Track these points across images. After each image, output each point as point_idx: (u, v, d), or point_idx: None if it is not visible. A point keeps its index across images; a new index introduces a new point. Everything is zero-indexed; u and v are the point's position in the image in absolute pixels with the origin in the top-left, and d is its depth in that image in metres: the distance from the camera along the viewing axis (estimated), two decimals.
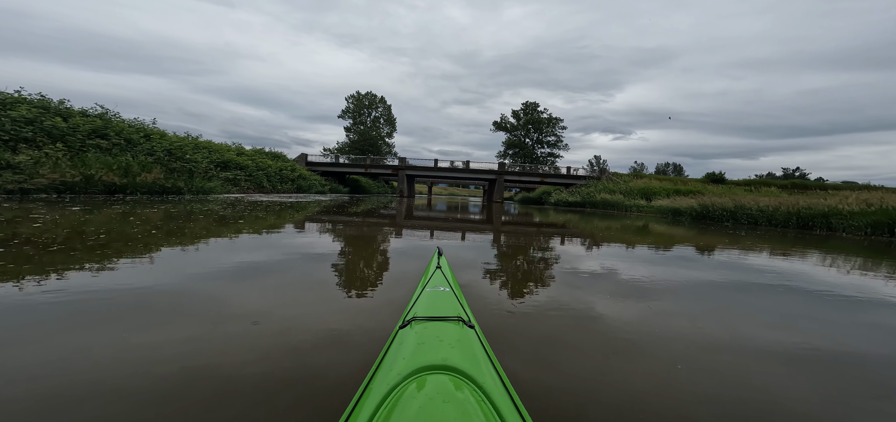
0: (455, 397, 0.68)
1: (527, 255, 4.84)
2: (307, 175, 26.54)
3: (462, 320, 1.09)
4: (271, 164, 22.87)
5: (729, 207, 13.37)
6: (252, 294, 2.44)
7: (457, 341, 0.94)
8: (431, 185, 70.07)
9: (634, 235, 8.08)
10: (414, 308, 1.24)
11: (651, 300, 2.77)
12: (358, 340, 1.74)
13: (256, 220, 7.10)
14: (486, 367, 0.85)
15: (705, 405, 1.37)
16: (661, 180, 26.88)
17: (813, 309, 2.80)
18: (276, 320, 1.96)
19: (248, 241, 4.62)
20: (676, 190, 23.24)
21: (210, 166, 16.69)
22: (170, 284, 2.56)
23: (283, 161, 25.89)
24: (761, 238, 8.35)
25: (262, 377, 1.38)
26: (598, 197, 24.20)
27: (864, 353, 1.96)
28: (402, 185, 32.79)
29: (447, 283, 1.55)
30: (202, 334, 1.76)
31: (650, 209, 19.36)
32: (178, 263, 3.24)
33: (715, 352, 1.87)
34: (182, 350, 1.57)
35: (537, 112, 52.34)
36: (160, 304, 2.14)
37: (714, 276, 3.89)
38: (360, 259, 3.96)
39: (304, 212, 9.88)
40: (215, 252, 3.79)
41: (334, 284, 2.84)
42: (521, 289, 2.99)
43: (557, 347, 1.82)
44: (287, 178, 23.53)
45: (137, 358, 1.50)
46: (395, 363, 0.84)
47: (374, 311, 2.20)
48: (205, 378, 1.37)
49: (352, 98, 56.11)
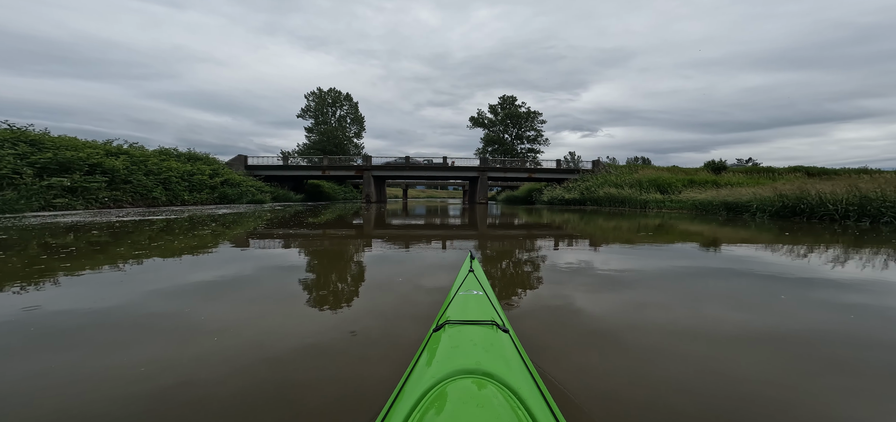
0: (488, 402, 0.67)
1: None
2: (240, 181, 21.24)
3: (496, 324, 1.06)
4: (177, 167, 17.35)
5: (840, 197, 8.90)
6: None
7: (491, 345, 0.92)
8: (406, 187, 65.07)
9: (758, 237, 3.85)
10: (447, 312, 1.22)
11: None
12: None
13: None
14: (520, 371, 0.84)
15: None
16: (672, 171, 23.33)
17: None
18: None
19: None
20: (691, 180, 19.69)
21: (23, 167, 11.18)
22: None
23: (203, 163, 20.16)
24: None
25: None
26: (601, 192, 20.32)
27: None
28: (369, 188, 27.89)
29: (480, 286, 1.47)
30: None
31: (675, 204, 15.47)
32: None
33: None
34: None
35: (515, 106, 49.12)
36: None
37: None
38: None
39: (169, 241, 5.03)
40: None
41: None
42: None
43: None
44: (203, 185, 18.12)
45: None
46: (429, 366, 0.84)
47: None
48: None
49: (313, 95, 50.51)
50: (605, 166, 26.81)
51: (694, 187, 17.99)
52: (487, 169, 29.05)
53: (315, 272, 3.16)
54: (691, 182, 19.26)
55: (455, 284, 1.62)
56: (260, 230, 7.06)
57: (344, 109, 51.71)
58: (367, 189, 28.01)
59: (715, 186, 17.35)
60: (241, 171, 24.85)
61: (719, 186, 17.86)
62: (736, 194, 12.64)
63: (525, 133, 49.51)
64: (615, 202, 18.84)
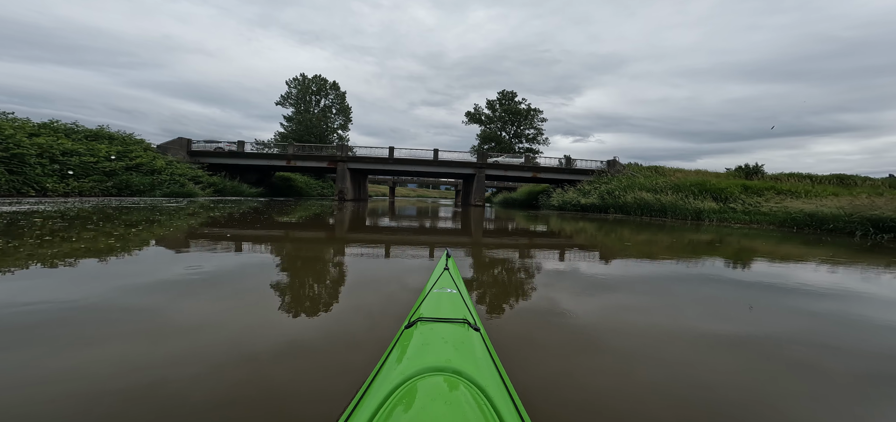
0: (456, 400, 0.67)
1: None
2: (162, 167, 16.33)
3: (468, 322, 1.07)
4: (42, 143, 11.99)
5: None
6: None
7: (461, 343, 0.92)
8: (394, 185, 60.40)
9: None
10: (420, 309, 1.21)
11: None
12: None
13: None
14: (488, 370, 0.84)
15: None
16: (718, 177, 19.12)
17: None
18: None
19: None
20: (745, 186, 15.60)
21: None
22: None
23: (100, 144, 14.87)
24: None
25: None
26: (628, 197, 16.11)
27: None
28: (344, 183, 23.34)
29: (454, 284, 1.47)
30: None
31: (746, 216, 11.26)
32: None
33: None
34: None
35: (515, 102, 45.15)
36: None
37: None
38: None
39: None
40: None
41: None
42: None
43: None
44: (93, 169, 13.32)
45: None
46: (399, 363, 0.83)
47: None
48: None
49: (295, 82, 45.74)
50: (622, 167, 22.63)
51: (781, 196, 13.69)
52: (485, 165, 24.70)
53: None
54: (746, 188, 15.14)
55: (429, 282, 1.61)
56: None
57: (329, 97, 47.07)
58: (341, 184, 23.43)
59: (793, 196, 13.20)
60: (182, 157, 20.06)
61: (780, 192, 13.81)
62: (870, 206, 8.41)
63: (525, 131, 45.71)
64: (651, 211, 14.63)
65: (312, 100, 45.66)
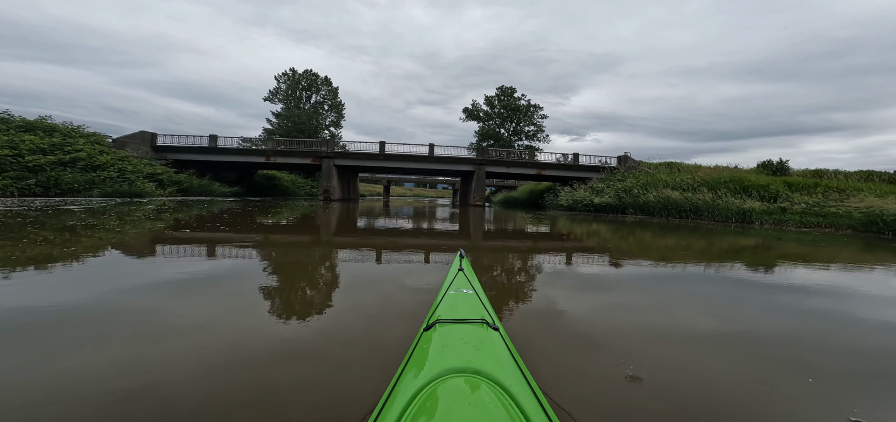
0: (480, 400, 0.67)
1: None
2: (107, 163, 14.02)
3: (486, 322, 1.05)
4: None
5: None
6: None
7: (481, 344, 0.91)
8: (388, 184, 58.19)
9: None
10: (437, 311, 1.19)
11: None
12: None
13: None
14: (511, 369, 0.82)
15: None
16: (757, 173, 17.17)
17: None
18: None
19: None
20: (787, 182, 13.63)
21: None
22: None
23: (34, 135, 12.70)
24: None
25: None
26: (650, 196, 14.08)
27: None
28: (330, 181, 21.19)
29: (470, 285, 1.45)
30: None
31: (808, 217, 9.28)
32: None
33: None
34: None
35: (514, 98, 43.29)
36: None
37: None
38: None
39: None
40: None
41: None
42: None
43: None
44: (5, 163, 11.14)
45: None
46: (420, 367, 0.82)
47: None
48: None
49: (284, 77, 43.48)
50: (635, 163, 20.63)
51: (842, 194, 11.67)
52: (485, 162, 22.63)
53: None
54: (788, 185, 13.15)
55: (445, 283, 1.61)
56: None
57: (321, 93, 44.88)
58: (326, 183, 21.28)
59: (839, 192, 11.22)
60: (144, 152, 17.80)
61: (834, 189, 11.85)
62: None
63: (524, 128, 43.89)
64: (680, 212, 12.60)
65: (303, 95, 43.46)
